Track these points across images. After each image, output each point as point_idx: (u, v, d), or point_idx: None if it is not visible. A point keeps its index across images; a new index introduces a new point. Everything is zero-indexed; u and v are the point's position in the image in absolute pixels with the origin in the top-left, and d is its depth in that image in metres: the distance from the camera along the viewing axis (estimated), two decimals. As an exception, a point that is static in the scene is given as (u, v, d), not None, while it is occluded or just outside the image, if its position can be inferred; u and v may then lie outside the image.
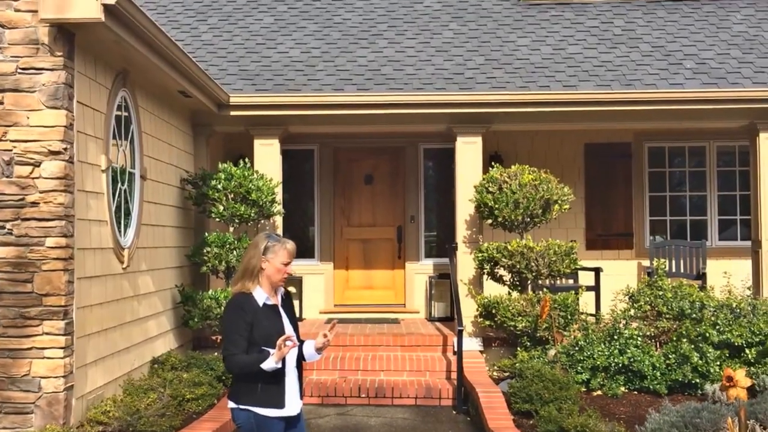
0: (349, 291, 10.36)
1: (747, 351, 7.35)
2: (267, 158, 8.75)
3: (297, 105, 8.56)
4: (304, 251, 10.21)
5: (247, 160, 8.37)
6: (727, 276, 8.14)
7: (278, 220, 8.75)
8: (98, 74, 6.02)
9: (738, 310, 7.62)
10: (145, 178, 7.05)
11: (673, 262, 9.75)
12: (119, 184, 6.48)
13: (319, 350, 3.83)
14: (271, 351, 3.63)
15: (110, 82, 6.27)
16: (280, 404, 3.73)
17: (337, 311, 10.04)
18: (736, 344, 7.37)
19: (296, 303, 9.59)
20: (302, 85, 8.74)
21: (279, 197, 8.52)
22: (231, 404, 3.79)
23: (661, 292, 7.91)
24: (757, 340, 7.37)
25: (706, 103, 8.44)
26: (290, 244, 3.83)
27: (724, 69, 8.72)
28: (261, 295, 3.75)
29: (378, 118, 8.71)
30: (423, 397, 7.37)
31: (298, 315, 9.60)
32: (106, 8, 5.23)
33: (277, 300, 3.83)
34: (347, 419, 6.85)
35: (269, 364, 3.62)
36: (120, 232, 6.45)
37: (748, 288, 8.15)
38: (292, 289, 9.78)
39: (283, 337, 3.63)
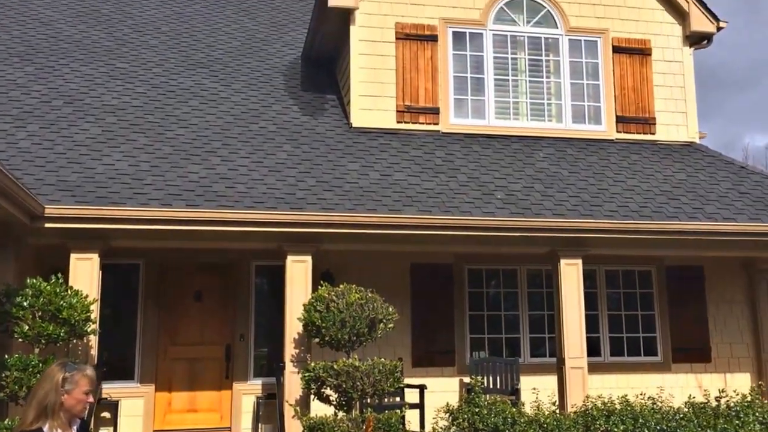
0: (171, 415, 9.91)
1: (556, 465, 7.77)
2: (84, 273, 8.36)
3: (120, 219, 8.33)
4: (123, 372, 9.79)
5: (61, 275, 7.93)
6: (536, 392, 8.66)
7: (93, 340, 8.30)
8: None
9: (545, 425, 8.08)
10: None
11: (491, 378, 10.24)
12: None
13: None
14: None
15: None
16: None
17: (157, 436, 9.58)
18: (547, 459, 7.78)
19: (111, 430, 9.18)
20: (127, 199, 8.58)
21: (95, 315, 8.10)
22: None
23: (477, 409, 8.25)
24: (565, 454, 7.82)
25: (514, 230, 9.20)
26: (90, 371, 3.66)
27: (530, 200, 9.60)
28: (51, 430, 3.51)
29: (208, 235, 8.70)
30: None
31: (113, 442, 9.16)
32: None
33: None
34: None
35: None
36: None
37: (553, 403, 8.70)
38: (106, 415, 9.26)
39: None
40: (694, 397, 9.09)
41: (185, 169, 9.38)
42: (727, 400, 8.77)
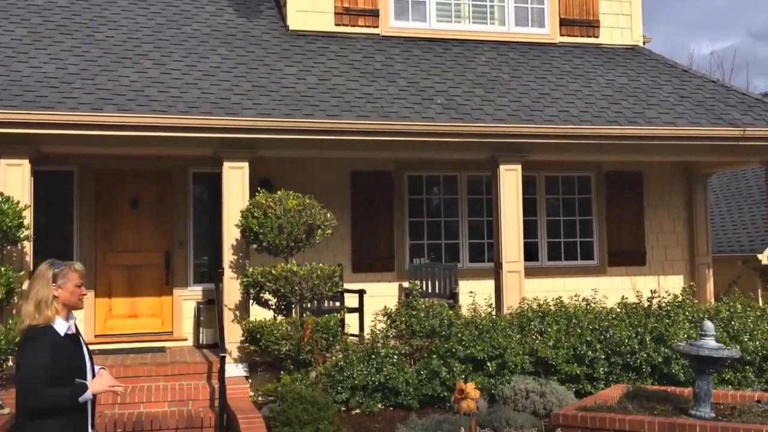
0: (112, 320, 9.91)
1: (488, 364, 8.01)
2: (15, 179, 8.18)
3: (50, 124, 8.09)
4: (61, 279, 9.70)
5: (-10, 181, 7.80)
6: (473, 295, 8.83)
7: (27, 246, 8.21)
8: None
9: (481, 327, 8.29)
10: None
11: (429, 283, 10.39)
12: None
13: None
14: (85, 381, 3.65)
15: None
16: None
17: (99, 342, 9.55)
18: (479, 358, 8.00)
19: (50, 334, 9.15)
20: (56, 103, 8.30)
21: (28, 221, 7.98)
22: None
23: (415, 312, 8.41)
24: (497, 353, 8.05)
25: (454, 136, 9.15)
26: (79, 265, 3.85)
27: (470, 106, 9.51)
28: (61, 325, 3.69)
29: (141, 141, 8.50)
30: (184, 427, 7.21)
31: (52, 347, 9.16)
32: None
33: (73, 328, 3.79)
34: (98, 456, 6.54)
35: (86, 396, 3.62)
36: None
37: (490, 305, 8.89)
38: (45, 320, 9.21)
39: (112, 385, 3.69)
40: (627, 298, 9.39)
41: (116, 72, 9.05)
42: (659, 301, 9.08)
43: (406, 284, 10.45)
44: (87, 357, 3.80)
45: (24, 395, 3.59)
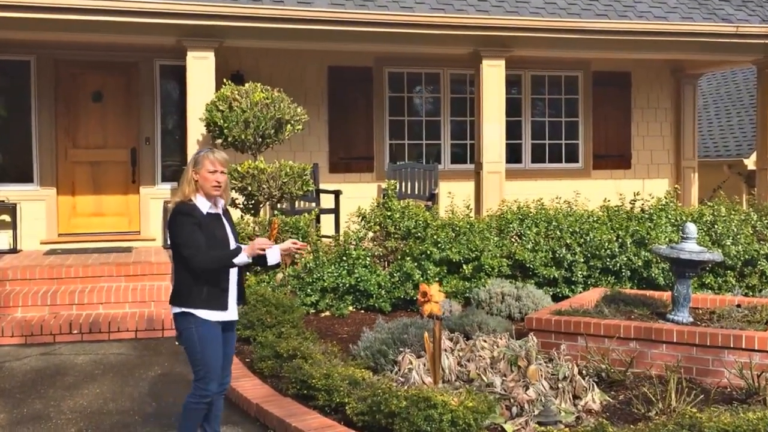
0: (76, 219, 9.53)
1: (464, 267, 7.75)
2: (-37, 67, 7.68)
3: (-1, 5, 7.52)
4: (21, 175, 9.31)
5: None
6: (451, 196, 8.48)
7: (-23, 139, 7.77)
8: None
9: (458, 229, 7.99)
10: None
11: (409, 183, 10.03)
12: None
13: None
14: (242, 247, 3.91)
15: None
16: (224, 307, 3.95)
17: (63, 241, 9.23)
18: (455, 261, 7.74)
19: (11, 233, 8.81)
20: (4, -16, 7.69)
21: (-24, 113, 7.53)
22: (174, 309, 3.94)
23: (389, 213, 8.08)
24: (474, 256, 7.78)
25: (434, 28, 8.61)
26: (217, 154, 4.00)
27: (452, -5, 8.93)
28: (203, 203, 3.94)
29: (97, 26, 7.94)
30: (144, 329, 6.93)
31: (13, 246, 8.83)
32: None
33: (218, 210, 4.05)
34: (50, 359, 6.24)
35: (241, 259, 3.86)
36: None
37: (468, 207, 8.56)
38: (5, 218, 8.86)
39: (262, 247, 3.87)
40: (609, 201, 9.09)
41: (69, -50, 8.34)
42: (642, 204, 8.80)
43: (384, 185, 10.10)
44: (232, 236, 4.04)
45: (183, 259, 3.85)
